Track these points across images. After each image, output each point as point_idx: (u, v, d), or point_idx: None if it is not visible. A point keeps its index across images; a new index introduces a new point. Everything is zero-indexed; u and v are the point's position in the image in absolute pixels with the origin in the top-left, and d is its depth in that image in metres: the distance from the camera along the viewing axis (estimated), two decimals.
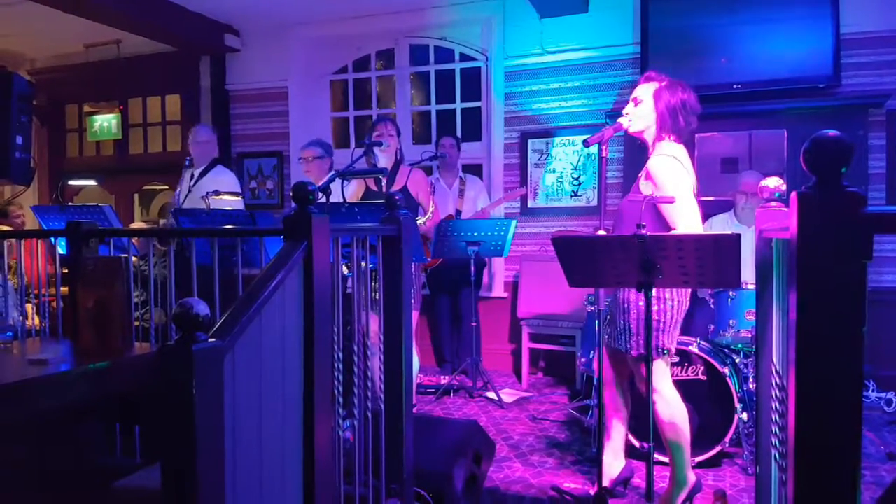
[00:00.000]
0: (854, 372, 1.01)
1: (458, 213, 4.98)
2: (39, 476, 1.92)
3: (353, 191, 4.02)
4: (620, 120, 2.67)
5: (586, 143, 2.54)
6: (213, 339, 1.39)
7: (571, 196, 5.12)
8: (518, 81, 5.23)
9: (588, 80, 5.04)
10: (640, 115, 2.63)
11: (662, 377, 2.63)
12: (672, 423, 2.61)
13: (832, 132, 1.09)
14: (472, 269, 4.37)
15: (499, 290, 5.36)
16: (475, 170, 5.51)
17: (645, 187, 2.59)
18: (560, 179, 5.14)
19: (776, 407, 1.52)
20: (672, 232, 2.48)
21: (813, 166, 1.07)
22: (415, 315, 3.74)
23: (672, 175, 2.54)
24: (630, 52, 4.88)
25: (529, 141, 5.21)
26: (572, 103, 5.09)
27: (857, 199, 1.02)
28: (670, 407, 2.61)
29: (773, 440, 1.54)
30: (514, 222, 4.33)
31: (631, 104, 2.67)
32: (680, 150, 2.62)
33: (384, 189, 3.80)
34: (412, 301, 3.45)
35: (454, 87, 5.61)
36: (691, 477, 2.66)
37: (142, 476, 1.91)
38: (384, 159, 3.79)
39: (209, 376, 1.36)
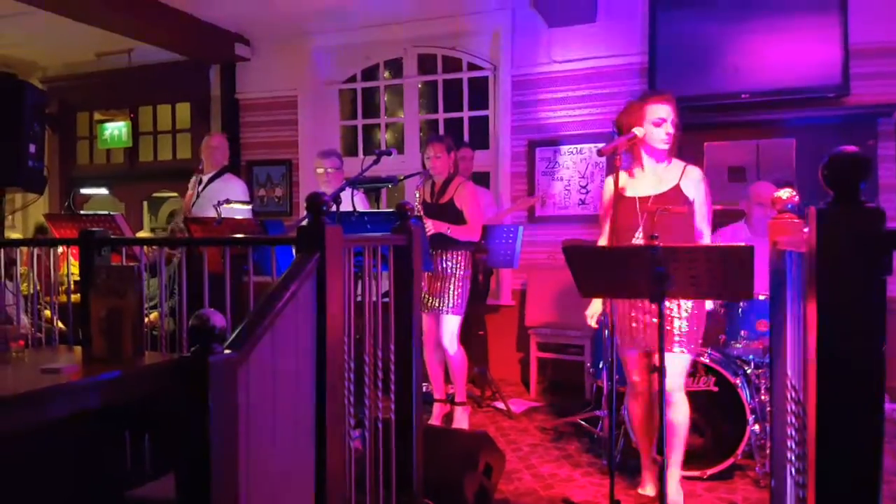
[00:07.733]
0: (875, 388, 1.01)
1: None
2: (52, 484, 1.93)
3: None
4: (635, 130, 2.67)
5: (601, 153, 2.56)
6: (228, 351, 1.39)
7: (579, 204, 5.11)
8: (526, 90, 5.23)
9: (596, 89, 5.03)
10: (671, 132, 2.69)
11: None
12: (686, 427, 2.69)
13: (849, 147, 1.08)
14: (480, 277, 4.38)
15: (506, 299, 5.35)
16: (483, 178, 5.51)
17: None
18: (568, 188, 5.14)
19: (792, 421, 1.51)
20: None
21: (831, 182, 1.07)
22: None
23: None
24: (638, 62, 4.88)
25: (537, 149, 5.21)
26: (580, 112, 5.09)
27: (876, 215, 1.02)
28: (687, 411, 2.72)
29: (790, 455, 1.53)
30: (520, 228, 4.33)
31: (666, 123, 2.68)
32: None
33: (436, 201, 3.87)
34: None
35: (462, 95, 5.63)
36: None
37: (155, 486, 1.91)
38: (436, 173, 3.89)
39: (224, 387, 1.37)
